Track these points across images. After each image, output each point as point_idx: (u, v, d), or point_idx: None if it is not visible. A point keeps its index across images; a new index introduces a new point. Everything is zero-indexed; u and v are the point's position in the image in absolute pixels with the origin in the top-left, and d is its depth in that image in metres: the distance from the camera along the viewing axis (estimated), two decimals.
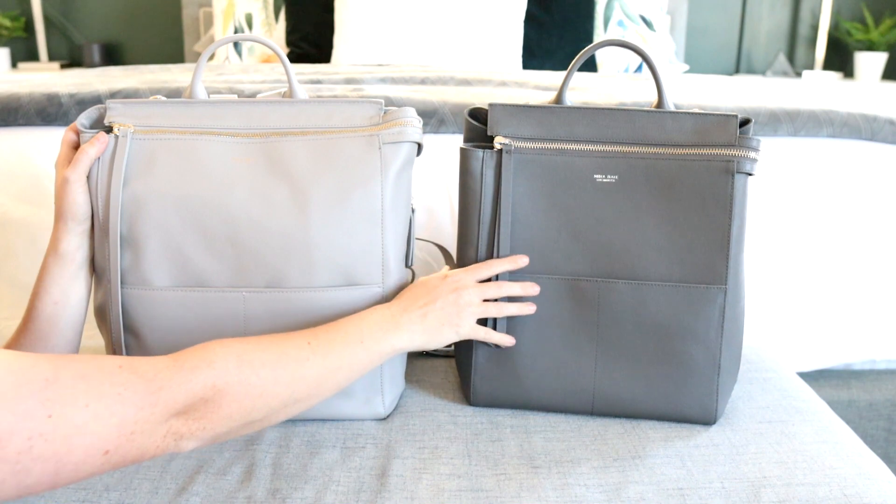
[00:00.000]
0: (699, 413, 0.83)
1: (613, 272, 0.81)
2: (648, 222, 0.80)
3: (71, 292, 0.77)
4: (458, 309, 0.77)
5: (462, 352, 0.87)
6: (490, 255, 0.82)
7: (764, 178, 1.22)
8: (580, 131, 0.81)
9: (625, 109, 0.81)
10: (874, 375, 1.37)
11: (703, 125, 0.80)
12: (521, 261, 0.80)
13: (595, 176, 0.80)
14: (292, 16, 2.48)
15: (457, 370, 0.91)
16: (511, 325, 0.82)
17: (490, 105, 0.82)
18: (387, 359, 0.75)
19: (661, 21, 2.58)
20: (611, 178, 0.80)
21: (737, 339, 0.83)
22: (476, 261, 0.83)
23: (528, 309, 0.80)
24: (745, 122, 0.81)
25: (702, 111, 0.81)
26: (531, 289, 0.81)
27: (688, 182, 0.79)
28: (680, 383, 0.82)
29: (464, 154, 0.83)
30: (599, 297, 0.81)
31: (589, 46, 0.82)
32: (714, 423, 0.83)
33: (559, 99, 0.86)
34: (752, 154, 0.79)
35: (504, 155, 0.80)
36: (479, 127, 0.84)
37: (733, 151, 0.79)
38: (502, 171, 0.80)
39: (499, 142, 0.81)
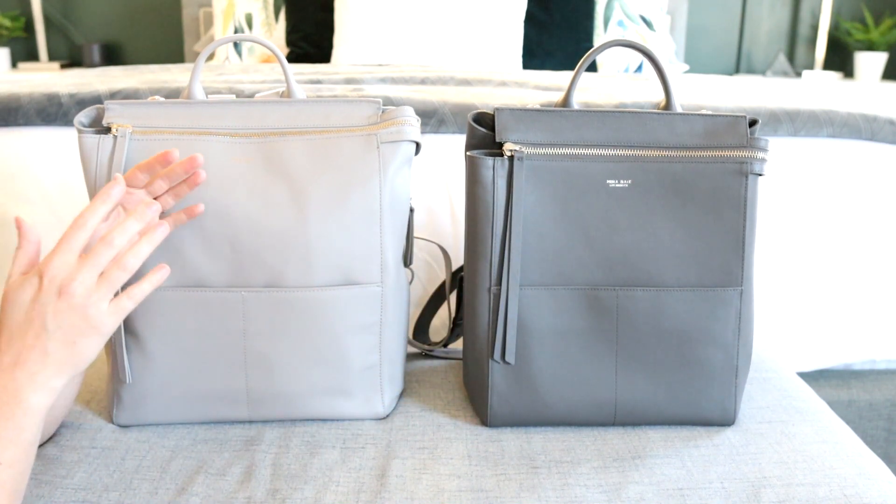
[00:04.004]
0: (719, 415, 0.82)
1: (630, 280, 0.79)
2: (663, 227, 0.79)
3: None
4: (79, 313, 0.59)
5: (473, 371, 0.84)
6: (503, 267, 0.79)
7: (764, 178, 1.22)
8: (590, 135, 0.79)
9: (635, 112, 0.80)
10: (874, 375, 1.37)
11: (713, 126, 0.79)
12: (116, 189, 0.62)
13: (608, 181, 0.78)
14: (292, 16, 2.48)
15: (464, 388, 0.90)
16: (526, 340, 0.80)
17: (496, 109, 0.79)
18: (38, 429, 0.59)
19: (661, 21, 2.58)
20: (624, 183, 0.78)
21: (750, 338, 0.83)
22: (490, 276, 0.79)
23: (158, 233, 0.63)
24: (752, 123, 0.81)
25: (712, 112, 0.81)
26: (149, 209, 0.62)
27: (701, 184, 0.79)
28: (700, 387, 0.81)
29: (472, 162, 0.79)
30: (618, 306, 0.79)
31: (596, 47, 0.81)
32: (732, 423, 0.83)
33: (566, 101, 0.84)
34: (761, 154, 0.79)
35: (516, 162, 0.77)
36: (482, 132, 0.80)
37: (745, 152, 0.79)
38: (514, 179, 0.77)
39: (509, 148, 0.77)
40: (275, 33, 2.58)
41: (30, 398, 0.58)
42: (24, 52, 3.26)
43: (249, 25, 2.56)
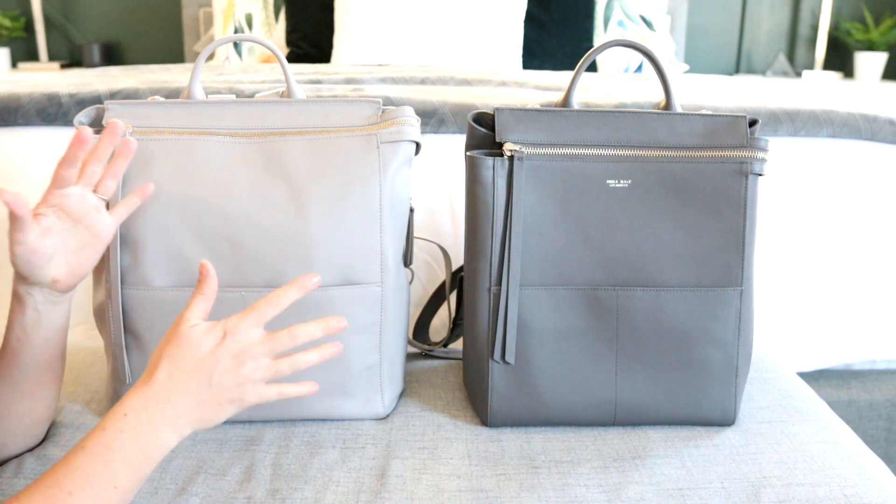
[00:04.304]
0: (719, 415, 0.83)
1: (630, 280, 0.79)
2: (663, 227, 0.79)
3: (32, 334, 0.70)
4: (240, 381, 0.60)
5: (473, 371, 0.84)
6: (503, 267, 0.79)
7: (764, 178, 1.22)
8: (591, 135, 0.79)
9: (635, 112, 0.80)
10: (874, 375, 1.37)
11: (713, 127, 0.80)
12: (311, 281, 0.63)
13: (608, 181, 0.78)
14: (292, 16, 2.48)
15: (464, 388, 0.90)
16: (526, 340, 0.80)
17: (496, 110, 0.79)
18: (158, 462, 0.60)
19: (661, 21, 2.58)
20: (624, 183, 0.78)
21: (750, 338, 0.83)
22: (490, 276, 0.79)
23: (332, 350, 0.63)
24: (752, 123, 0.81)
25: (712, 112, 0.81)
26: (337, 325, 0.63)
27: (701, 184, 0.79)
28: (700, 387, 0.81)
29: (472, 162, 0.79)
30: (618, 306, 0.80)
31: (596, 47, 0.81)
32: (732, 423, 0.83)
33: (566, 101, 0.84)
34: (761, 154, 0.79)
35: (516, 162, 0.77)
36: (482, 132, 0.81)
37: (745, 153, 0.79)
38: (514, 179, 0.77)
39: (509, 148, 0.78)
40: (275, 33, 2.58)
41: (165, 437, 0.59)
42: (24, 52, 3.26)
43: (249, 25, 2.56)
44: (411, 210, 0.85)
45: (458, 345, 1.02)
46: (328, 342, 0.65)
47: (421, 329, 1.03)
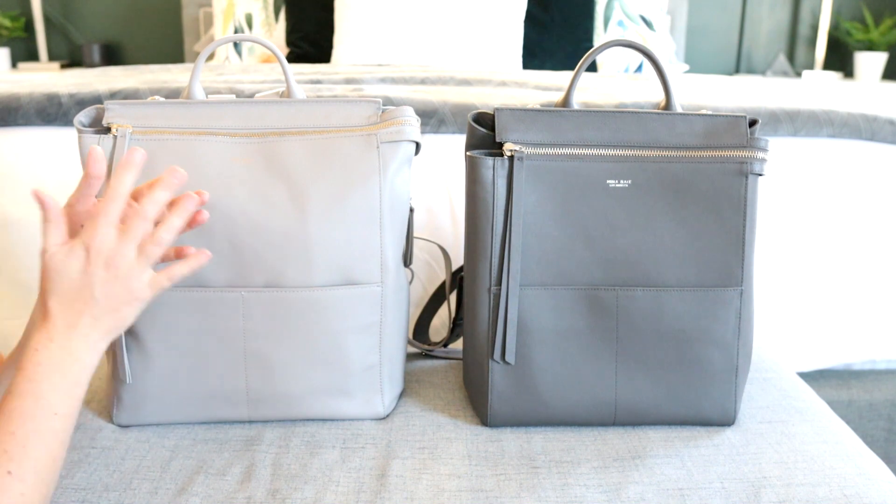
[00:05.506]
0: (719, 415, 0.83)
1: (630, 280, 0.79)
2: (663, 227, 0.79)
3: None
4: (123, 284, 0.63)
5: (473, 371, 0.85)
6: (503, 267, 0.79)
7: (764, 178, 1.22)
8: (591, 135, 0.79)
9: (635, 112, 0.80)
10: (874, 375, 1.37)
11: (713, 127, 0.80)
12: (137, 155, 0.63)
13: (608, 181, 0.78)
14: (292, 16, 2.48)
15: (464, 388, 0.90)
16: (526, 340, 0.80)
17: (496, 110, 0.79)
18: (87, 385, 0.64)
19: (661, 21, 2.58)
20: (624, 183, 0.78)
21: (750, 338, 0.83)
22: (490, 276, 0.79)
23: (190, 203, 0.65)
24: (752, 123, 0.81)
25: (712, 112, 0.81)
26: (178, 177, 0.64)
27: (701, 184, 0.79)
28: (700, 388, 0.81)
29: (472, 162, 0.79)
30: (618, 306, 0.80)
31: (596, 47, 0.81)
32: (732, 423, 0.83)
33: (566, 101, 0.84)
34: (761, 154, 0.79)
35: (516, 162, 0.77)
36: (482, 132, 0.81)
37: (745, 153, 0.79)
38: (514, 179, 0.77)
39: (509, 149, 0.78)
40: (275, 33, 2.58)
41: (84, 357, 0.63)
42: (24, 52, 3.26)
43: (249, 25, 2.56)
44: (411, 210, 0.85)
45: (458, 345, 1.02)
46: (182, 198, 0.65)
47: (421, 329, 1.03)
